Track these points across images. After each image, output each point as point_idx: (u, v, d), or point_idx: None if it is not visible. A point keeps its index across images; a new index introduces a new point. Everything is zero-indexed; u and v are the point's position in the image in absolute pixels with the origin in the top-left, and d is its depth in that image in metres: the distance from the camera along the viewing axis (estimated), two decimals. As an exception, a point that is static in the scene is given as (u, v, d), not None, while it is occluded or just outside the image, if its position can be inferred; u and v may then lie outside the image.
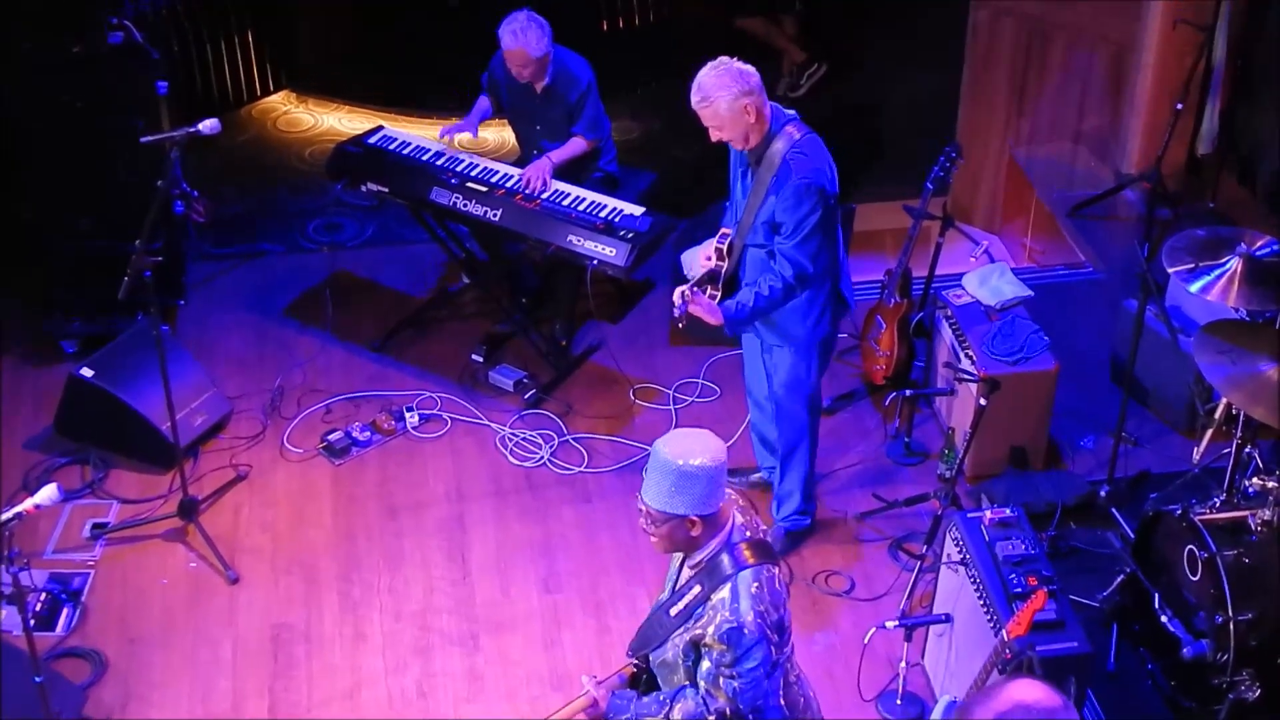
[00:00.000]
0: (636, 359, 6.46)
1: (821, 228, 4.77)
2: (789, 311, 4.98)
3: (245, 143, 8.17)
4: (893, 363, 6.13)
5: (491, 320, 6.64)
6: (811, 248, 4.79)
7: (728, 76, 4.66)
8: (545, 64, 6.10)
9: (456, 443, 6.05)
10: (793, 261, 4.79)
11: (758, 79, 4.70)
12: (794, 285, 4.83)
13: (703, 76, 4.69)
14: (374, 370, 6.41)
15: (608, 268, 5.83)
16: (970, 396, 5.50)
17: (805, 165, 4.72)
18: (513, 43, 5.98)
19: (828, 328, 5.10)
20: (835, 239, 4.95)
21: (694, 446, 3.54)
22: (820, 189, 4.72)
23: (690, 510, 3.54)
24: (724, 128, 4.71)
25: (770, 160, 4.74)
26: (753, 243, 4.90)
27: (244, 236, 7.28)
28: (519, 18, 5.99)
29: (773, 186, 4.74)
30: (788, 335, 5.07)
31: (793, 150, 4.72)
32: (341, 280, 6.96)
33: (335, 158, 6.42)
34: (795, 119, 4.81)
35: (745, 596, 3.56)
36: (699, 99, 4.68)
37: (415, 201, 6.22)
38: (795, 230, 4.75)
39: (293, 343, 6.56)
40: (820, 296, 5.00)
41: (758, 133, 4.73)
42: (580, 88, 6.17)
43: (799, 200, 4.71)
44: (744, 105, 4.65)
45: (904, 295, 6.09)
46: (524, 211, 5.98)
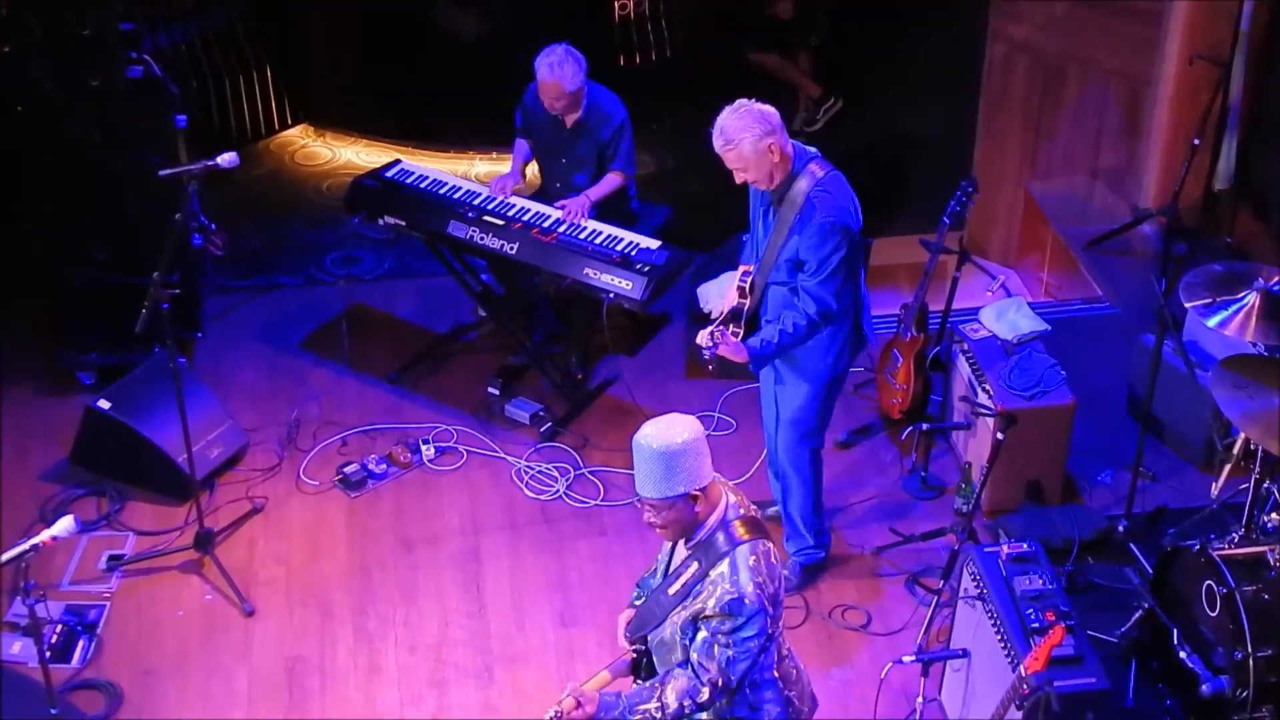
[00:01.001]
0: (652, 392, 6.48)
1: (845, 265, 4.80)
2: (809, 347, 4.99)
3: (263, 176, 8.22)
4: (909, 397, 6.12)
5: (507, 353, 6.66)
6: (835, 285, 4.80)
7: (749, 118, 4.67)
8: (579, 98, 6.12)
9: (472, 475, 6.06)
10: (817, 299, 4.81)
11: (778, 118, 4.72)
12: (818, 322, 4.86)
13: (724, 120, 4.70)
14: (390, 403, 6.43)
15: (624, 301, 5.85)
16: (987, 431, 5.51)
17: (830, 203, 4.73)
18: (549, 75, 6.01)
19: (844, 365, 5.12)
20: (858, 276, 4.98)
21: (672, 428, 3.63)
22: (845, 227, 4.74)
23: (689, 485, 3.63)
24: (749, 169, 4.72)
25: (793, 199, 4.75)
26: (775, 280, 4.91)
27: (261, 270, 7.31)
28: (557, 51, 6.02)
29: (796, 225, 4.75)
30: (805, 371, 5.08)
31: (817, 188, 4.73)
32: (358, 313, 6.99)
33: (352, 191, 6.45)
34: (818, 157, 4.83)
35: (744, 569, 3.66)
36: (722, 142, 4.69)
37: (432, 235, 6.25)
38: (820, 268, 4.77)
39: (309, 375, 6.58)
40: (841, 333, 5.02)
41: (781, 171, 4.75)
42: (614, 124, 6.19)
43: (824, 239, 4.72)
44: (767, 145, 4.66)
45: (920, 329, 6.09)
46: (540, 245, 6.00)
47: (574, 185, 6.39)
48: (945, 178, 6.30)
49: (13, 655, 5.15)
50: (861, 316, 5.08)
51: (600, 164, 6.32)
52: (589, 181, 6.36)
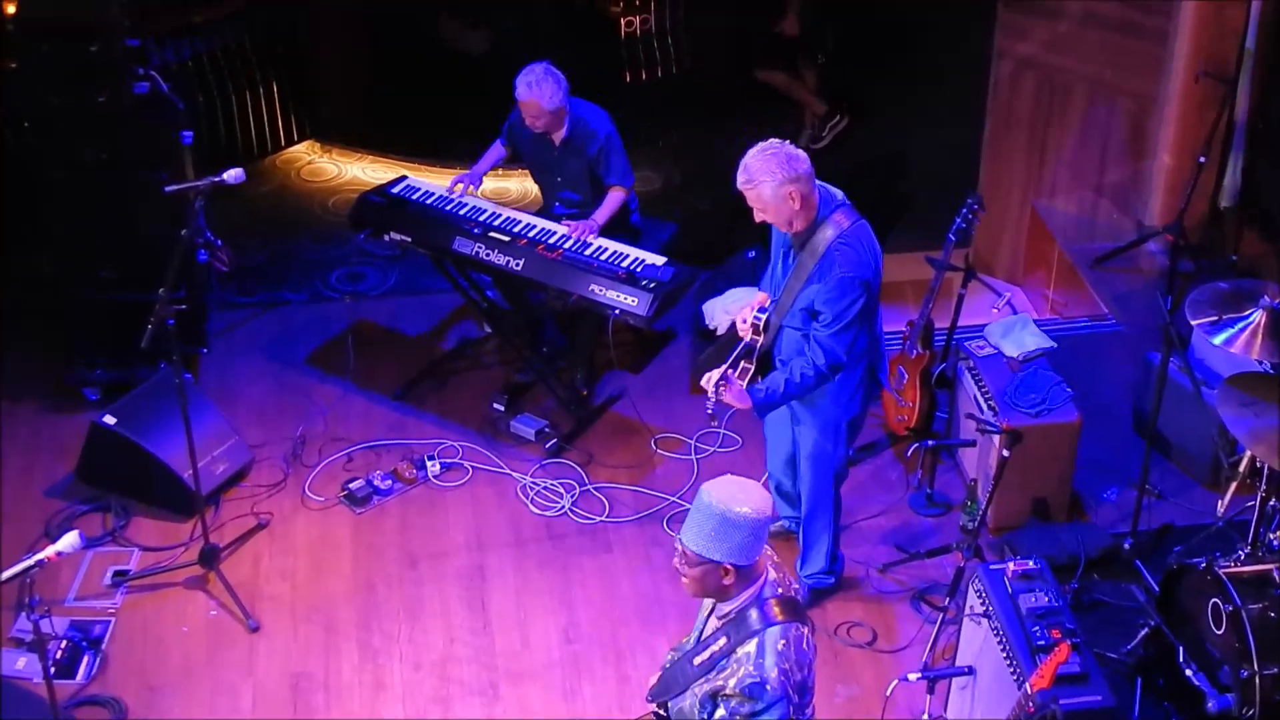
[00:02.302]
0: (658, 408, 6.48)
1: (860, 318, 4.80)
2: (825, 391, 4.99)
3: (269, 192, 8.25)
4: (915, 414, 6.13)
5: (512, 369, 6.67)
6: (848, 338, 4.80)
7: (774, 161, 4.64)
8: (560, 117, 6.14)
9: (477, 492, 6.06)
10: (827, 351, 4.80)
11: (808, 166, 4.68)
12: (825, 374, 4.84)
13: (750, 159, 4.67)
14: (395, 419, 6.43)
15: (629, 317, 5.85)
16: (993, 448, 5.49)
17: (850, 258, 4.72)
18: (526, 93, 6.03)
19: (859, 408, 5.11)
20: (874, 323, 4.98)
21: (741, 495, 3.55)
22: (864, 282, 4.74)
23: (727, 558, 3.55)
24: (767, 211, 4.72)
25: (815, 247, 4.74)
26: (789, 324, 4.91)
27: (266, 285, 7.33)
28: (536, 70, 6.05)
29: (815, 275, 4.75)
30: (822, 412, 5.08)
31: (839, 240, 4.72)
32: (363, 329, 7.00)
33: (358, 207, 6.47)
34: (845, 205, 4.81)
35: (771, 653, 3.55)
36: (744, 180, 4.67)
37: (438, 251, 6.26)
38: (834, 321, 4.77)
39: (314, 391, 6.59)
40: (854, 378, 5.02)
41: (803, 220, 4.73)
42: (598, 140, 6.20)
43: (841, 293, 4.72)
44: (788, 192, 4.65)
45: (926, 346, 6.09)
46: (546, 261, 6.01)
47: (569, 202, 6.42)
48: (951, 194, 6.31)
49: (17, 671, 5.16)
50: (879, 364, 5.09)
51: (593, 180, 6.33)
52: (583, 198, 6.38)
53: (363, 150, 8.62)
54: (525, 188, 8.09)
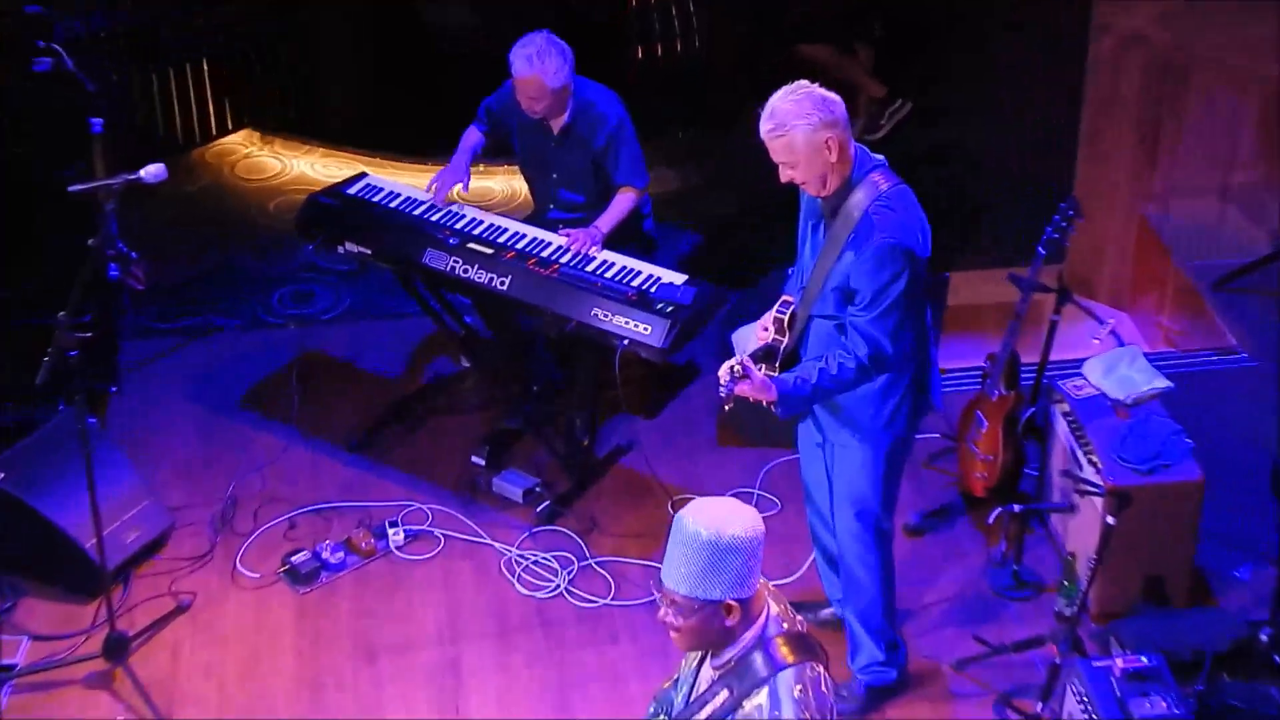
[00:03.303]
0: (676, 463, 6.46)
1: (906, 300, 4.76)
2: (858, 400, 4.95)
3: (197, 193, 8.25)
4: (997, 470, 6.10)
5: (496, 414, 6.65)
6: (891, 323, 4.77)
7: (808, 103, 4.67)
8: (564, 98, 6.15)
9: (452, 566, 6.03)
10: (868, 338, 4.78)
11: (843, 110, 4.73)
12: (868, 367, 4.82)
13: (777, 101, 4.70)
14: (350, 475, 6.42)
15: (641, 349, 5.83)
16: (1094, 513, 5.45)
17: (891, 221, 4.70)
18: (526, 69, 6.03)
19: (904, 427, 5.05)
20: (922, 316, 4.94)
21: (727, 515, 3.61)
22: (908, 251, 4.71)
23: (727, 593, 3.59)
24: (798, 165, 4.71)
25: (848, 213, 4.74)
26: (820, 313, 4.89)
27: (193, 308, 7.33)
28: (536, 40, 6.06)
29: (849, 244, 4.74)
30: (857, 431, 5.03)
31: (877, 203, 4.72)
32: (312, 362, 6.99)
33: (307, 211, 6.46)
34: (883, 165, 4.84)
35: (788, 701, 3.58)
36: (771, 126, 4.69)
37: (405, 265, 6.25)
38: (874, 301, 4.74)
39: (250, 441, 6.58)
40: (899, 387, 4.97)
41: (838, 176, 4.73)
42: (609, 127, 6.20)
43: (880, 264, 4.70)
44: (825, 139, 4.66)
45: (1010, 386, 6.06)
46: (538, 279, 5.99)
47: (569, 205, 6.42)
48: (1040, 199, 6.30)
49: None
50: (928, 371, 5.04)
51: (598, 178, 6.34)
52: (586, 199, 6.38)
53: (312, 140, 8.64)
54: (513, 187, 8.08)
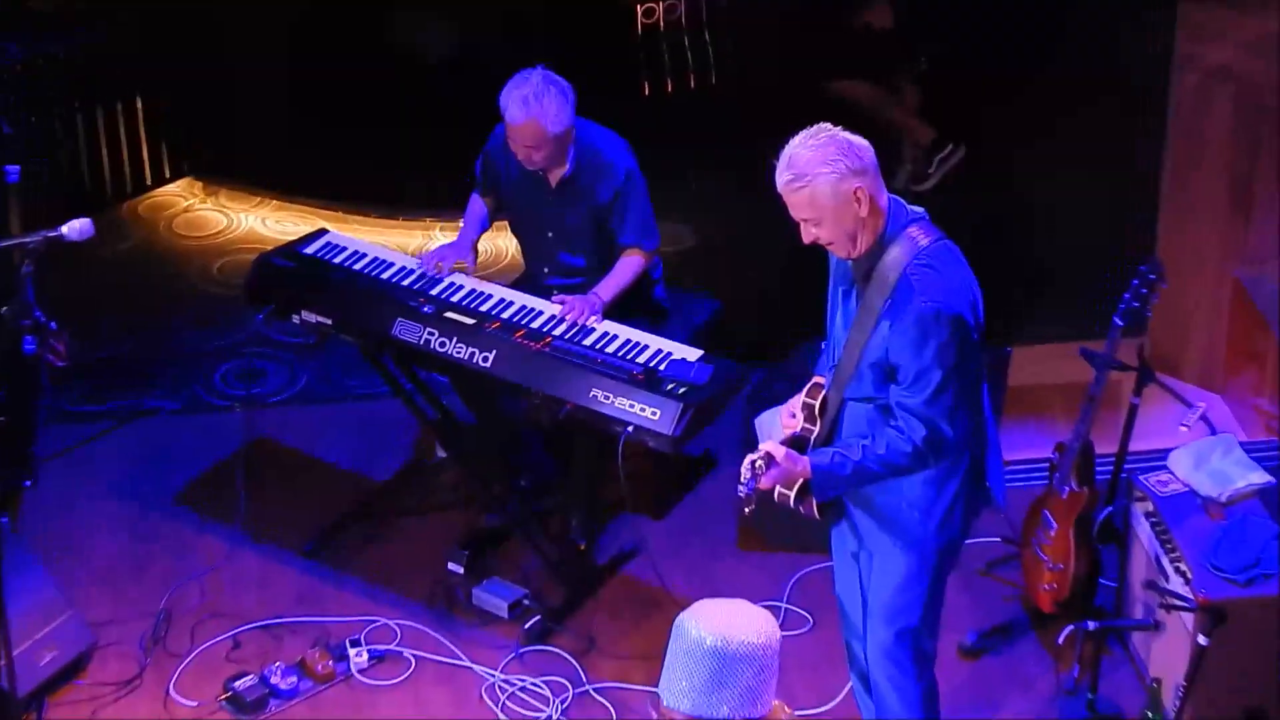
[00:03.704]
0: (690, 571, 6.46)
1: (958, 376, 4.73)
2: (903, 497, 4.93)
3: (129, 252, 8.30)
4: (1068, 581, 6.08)
5: (478, 512, 6.67)
6: (946, 404, 4.74)
7: (832, 148, 4.66)
8: (565, 145, 6.18)
9: (423, 694, 6.02)
10: (925, 420, 4.75)
11: (872, 156, 4.72)
12: (924, 452, 4.78)
13: (796, 148, 4.69)
14: (305, 585, 6.42)
15: (649, 437, 5.82)
16: (1183, 632, 5.44)
17: (933, 283, 4.69)
18: (522, 114, 6.04)
19: (957, 529, 5.03)
20: (978, 393, 4.92)
21: (738, 620, 3.65)
22: (955, 318, 4.69)
23: (736, 711, 3.60)
24: (823, 223, 4.70)
25: (883, 276, 4.73)
26: (856, 395, 4.87)
27: (123, 388, 7.36)
28: (531, 79, 6.07)
29: (886, 313, 4.73)
30: (897, 533, 5.00)
31: (916, 262, 4.71)
32: (262, 452, 7.01)
33: (257, 274, 6.48)
34: (922, 218, 4.83)
35: None
36: (790, 178, 4.68)
37: (371, 338, 6.27)
38: (919, 380, 4.72)
39: (188, 544, 6.58)
40: (954, 480, 4.95)
41: (870, 232, 4.72)
42: (616, 179, 6.23)
43: (923, 334, 4.68)
44: (854, 190, 4.65)
45: (1083, 482, 6.05)
46: (528, 354, 6.00)
47: (567, 269, 6.44)
48: (1116, 261, 6.29)
49: None
50: (986, 456, 5.01)
51: (601, 237, 6.36)
52: (588, 262, 6.40)
53: (263, 193, 8.70)
54: (498, 246, 8.10)
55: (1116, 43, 8.46)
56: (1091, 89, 8.70)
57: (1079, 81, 8.75)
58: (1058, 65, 8.82)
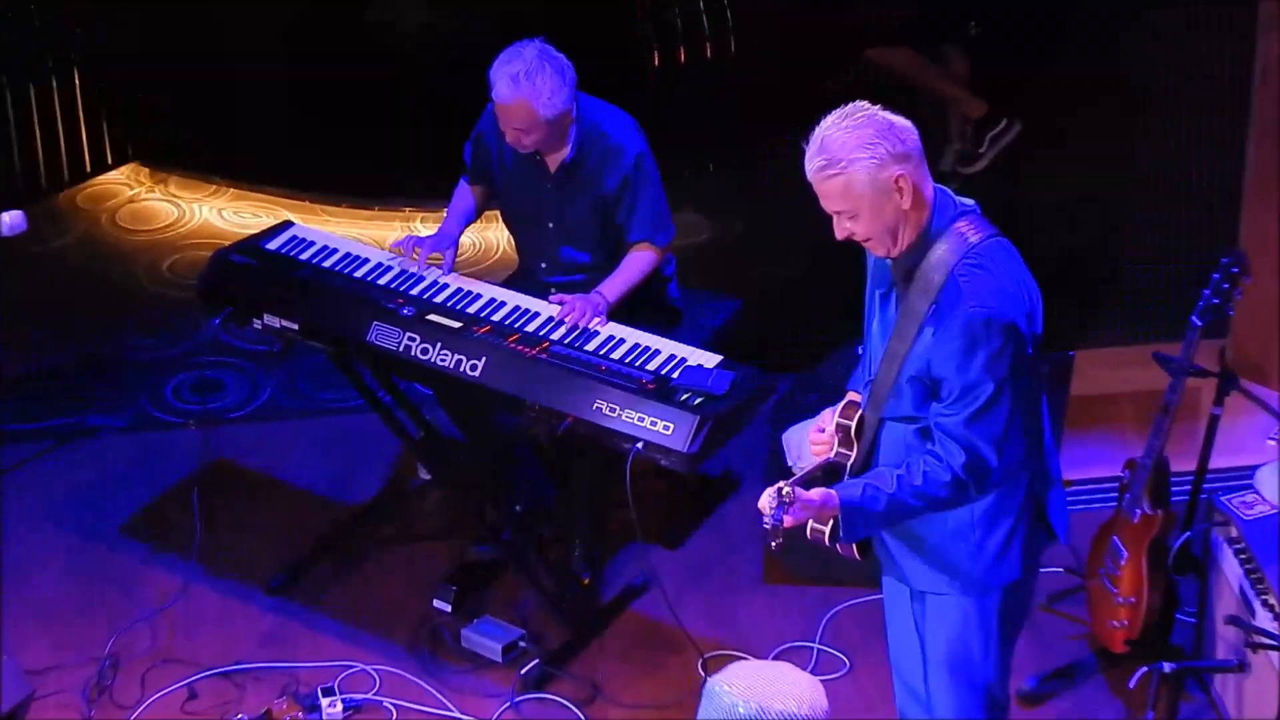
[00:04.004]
0: (708, 608, 6.48)
1: (1011, 392, 4.70)
2: (951, 533, 4.90)
3: (67, 249, 8.32)
4: (1140, 616, 6.07)
5: (467, 542, 6.67)
6: (993, 425, 4.71)
7: (871, 130, 4.62)
8: (563, 128, 6.19)
9: (406, 748, 6.04)
10: (965, 445, 4.72)
11: (917, 140, 4.68)
12: (965, 482, 4.75)
13: (829, 130, 4.65)
14: (270, 626, 6.43)
15: (660, 454, 5.82)
16: (1272, 674, 5.44)
17: (984, 286, 4.66)
18: (511, 92, 6.05)
19: (1018, 567, 4.98)
20: (1036, 413, 4.91)
21: (776, 685, 3.64)
22: (1008, 325, 4.66)
23: None
24: (860, 216, 4.66)
25: (927, 276, 4.70)
26: (894, 414, 4.84)
27: (61, 403, 7.37)
28: (524, 53, 6.07)
29: (930, 319, 4.69)
30: (950, 573, 4.98)
31: (966, 262, 4.68)
32: (220, 475, 7.03)
33: (214, 273, 6.49)
34: (973, 211, 4.79)
35: None
36: (821, 164, 4.64)
37: (344, 345, 6.28)
38: (966, 395, 4.69)
39: (137, 579, 6.60)
40: (1008, 512, 4.92)
41: (912, 227, 4.69)
42: (624, 164, 6.24)
43: (971, 344, 4.65)
44: (894, 178, 4.61)
45: (1158, 504, 6.05)
46: (523, 362, 6.00)
47: (569, 265, 6.46)
48: (1193, 254, 6.27)
49: None
50: (1046, 488, 5.00)
51: (607, 229, 6.38)
52: (592, 257, 6.42)
53: (219, 180, 8.72)
54: (488, 239, 8.11)
55: (1189, 6, 8.47)
56: (1164, 57, 8.70)
57: (1149, 49, 8.75)
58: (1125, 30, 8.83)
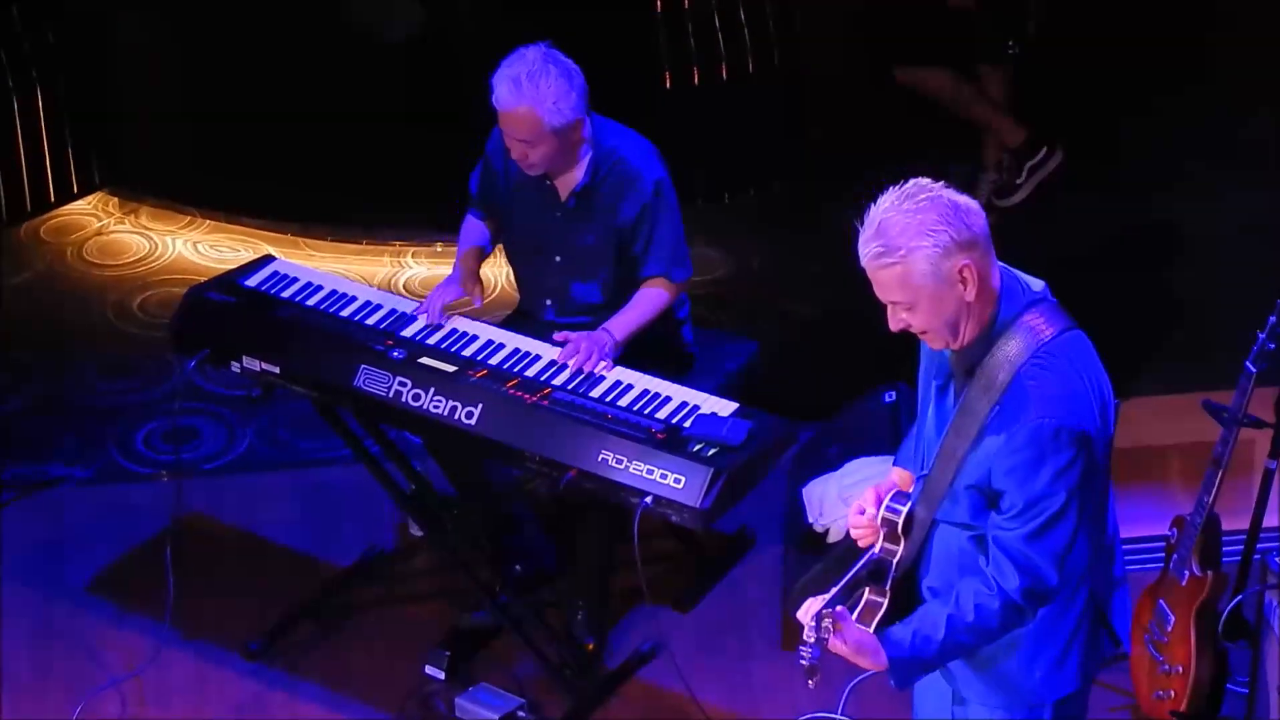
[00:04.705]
0: (722, 676, 6.49)
1: (1078, 504, 4.66)
2: (1006, 641, 4.86)
3: (29, 284, 8.37)
4: (1188, 685, 6.08)
5: (460, 603, 6.69)
6: (1056, 543, 4.66)
7: (934, 214, 4.52)
8: (571, 144, 6.21)
9: (395, 826, 6.09)
10: (1024, 565, 4.66)
11: (984, 224, 4.57)
12: (1022, 608, 4.71)
13: (887, 212, 4.54)
14: (249, 693, 6.44)
15: (671, 510, 5.82)
16: (1332, 750, 5.46)
17: (1053, 392, 4.58)
18: (513, 97, 6.06)
19: (1076, 679, 4.98)
20: (1102, 519, 4.91)
21: None
22: (1080, 436, 4.58)
23: None
24: (917, 306, 4.59)
25: (990, 375, 4.64)
26: (950, 518, 4.81)
27: (22, 452, 7.40)
28: (528, 56, 6.09)
29: (993, 424, 4.61)
30: (995, 682, 4.98)
31: (1034, 362, 4.60)
32: (195, 530, 7.02)
33: (189, 312, 6.51)
34: (1044, 299, 4.73)
35: None
36: (878, 251, 4.53)
37: (328, 390, 6.30)
38: (1027, 510, 4.63)
39: (106, 641, 6.61)
40: (1069, 619, 4.91)
41: (976, 321, 4.63)
42: (644, 192, 6.27)
43: (1039, 456, 4.58)
44: (958, 268, 4.53)
45: (1208, 565, 6.06)
46: (522, 409, 6.02)
47: (579, 305, 6.49)
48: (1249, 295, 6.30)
49: None
50: (1110, 591, 4.98)
51: (622, 264, 6.42)
52: (604, 295, 6.45)
53: (194, 210, 8.74)
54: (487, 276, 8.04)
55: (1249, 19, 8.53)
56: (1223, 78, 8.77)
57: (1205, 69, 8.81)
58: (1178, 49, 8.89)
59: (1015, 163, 8.77)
